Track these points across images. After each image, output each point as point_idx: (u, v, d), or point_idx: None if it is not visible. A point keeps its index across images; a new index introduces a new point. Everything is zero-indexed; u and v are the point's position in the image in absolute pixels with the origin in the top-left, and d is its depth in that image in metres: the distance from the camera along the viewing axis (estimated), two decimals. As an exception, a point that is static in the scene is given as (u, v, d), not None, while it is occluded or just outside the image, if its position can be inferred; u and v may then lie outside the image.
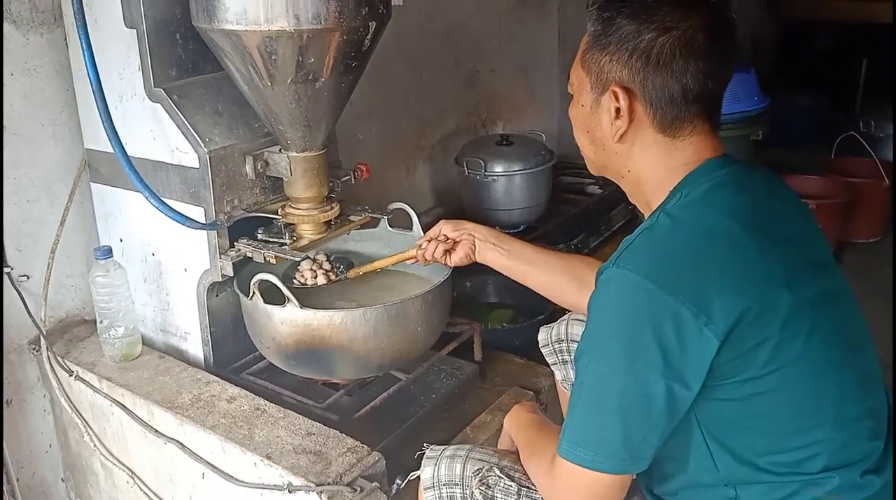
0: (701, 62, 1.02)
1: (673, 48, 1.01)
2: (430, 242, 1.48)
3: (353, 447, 1.33)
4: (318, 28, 1.30)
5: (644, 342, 0.95)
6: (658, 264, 0.98)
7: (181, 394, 1.50)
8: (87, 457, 1.73)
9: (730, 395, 1.00)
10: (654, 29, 1.02)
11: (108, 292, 1.59)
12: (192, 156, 1.46)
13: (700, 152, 1.07)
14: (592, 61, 1.08)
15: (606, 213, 2.53)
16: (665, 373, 0.95)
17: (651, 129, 1.06)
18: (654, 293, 0.95)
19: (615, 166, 1.13)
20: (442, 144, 2.60)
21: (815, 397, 1.02)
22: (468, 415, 1.58)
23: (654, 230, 1.02)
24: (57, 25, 1.63)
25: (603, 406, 0.99)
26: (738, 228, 1.00)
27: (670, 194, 1.06)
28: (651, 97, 1.04)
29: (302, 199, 1.52)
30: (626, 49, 1.03)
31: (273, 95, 1.39)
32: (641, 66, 1.03)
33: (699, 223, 1.01)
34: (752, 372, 0.98)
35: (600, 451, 0.99)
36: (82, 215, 1.74)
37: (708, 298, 0.95)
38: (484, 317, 1.98)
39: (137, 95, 1.49)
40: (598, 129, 1.11)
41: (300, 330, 1.42)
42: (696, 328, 0.94)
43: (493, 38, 2.75)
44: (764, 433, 1.02)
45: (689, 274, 0.96)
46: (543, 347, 1.51)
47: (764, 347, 0.97)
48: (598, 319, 1.01)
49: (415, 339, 1.50)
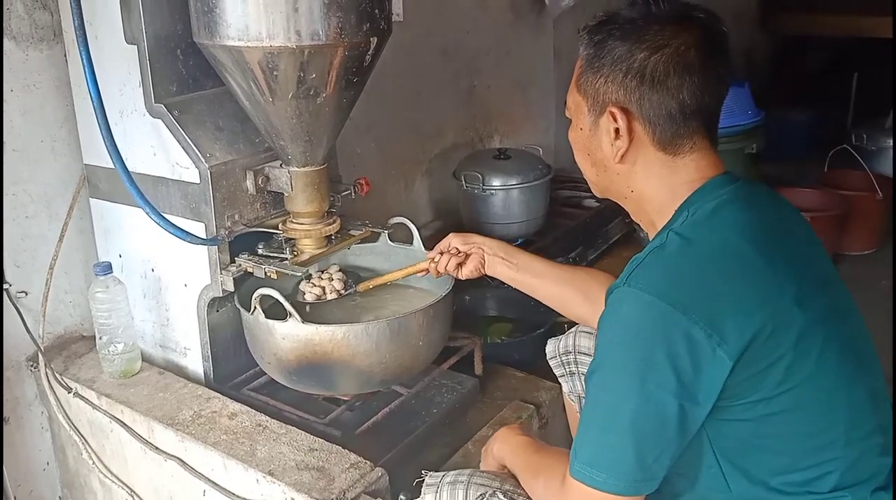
0: (696, 77, 1.03)
1: (667, 65, 1.02)
2: (441, 254, 1.50)
3: (355, 463, 1.33)
4: (320, 44, 1.31)
5: (656, 363, 0.94)
6: (670, 283, 0.97)
7: (182, 410, 1.50)
8: (86, 475, 1.71)
9: (742, 415, 0.99)
10: (647, 48, 1.03)
11: (108, 308, 1.58)
12: (192, 171, 1.46)
13: (702, 170, 1.07)
14: (588, 84, 1.09)
15: (604, 226, 2.53)
16: (678, 393, 0.95)
17: (652, 147, 1.07)
18: (666, 313, 0.94)
19: (618, 187, 1.13)
20: (440, 158, 2.61)
21: (827, 415, 1.01)
22: (469, 430, 1.57)
23: (665, 249, 1.01)
24: (57, 41, 1.63)
25: (615, 427, 0.98)
26: (749, 247, 1.00)
27: (676, 213, 1.06)
28: (649, 115, 1.05)
29: (303, 214, 1.52)
30: (620, 70, 1.04)
31: (274, 111, 1.39)
32: (636, 85, 1.03)
33: (710, 242, 1.01)
34: (764, 392, 0.98)
35: (613, 472, 0.98)
36: (81, 231, 1.73)
37: (721, 318, 0.94)
38: (484, 331, 1.98)
39: (138, 110, 1.49)
40: (598, 151, 1.11)
41: (302, 345, 1.42)
42: (710, 349, 0.94)
43: (490, 53, 2.76)
44: (776, 452, 1.01)
45: (702, 294, 0.96)
46: (551, 359, 1.51)
47: (777, 366, 0.97)
48: (609, 338, 1.00)
49: (416, 353, 1.49)
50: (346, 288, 1.57)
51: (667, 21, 1.04)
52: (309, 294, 1.55)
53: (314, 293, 1.55)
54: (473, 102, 2.73)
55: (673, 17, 1.04)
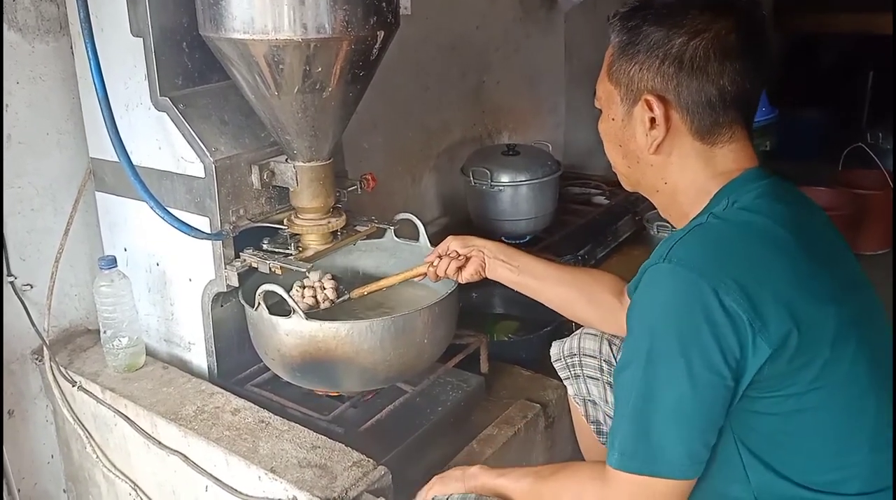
0: (737, 63, 0.99)
1: (707, 50, 0.98)
2: (440, 258, 1.47)
3: (358, 461, 1.31)
4: (326, 37, 1.29)
5: (702, 343, 0.91)
6: (713, 260, 0.94)
7: (185, 406, 1.49)
8: (90, 468, 1.71)
9: (770, 409, 0.97)
10: (685, 33, 0.99)
11: (112, 302, 1.58)
12: (197, 165, 1.45)
13: (739, 161, 1.04)
14: (620, 72, 1.05)
15: (613, 223, 2.51)
16: (724, 374, 0.92)
17: (689, 137, 1.03)
18: (709, 291, 0.91)
19: (650, 180, 1.09)
20: (448, 154, 2.59)
21: (856, 419, 0.99)
22: (474, 428, 1.55)
23: (707, 229, 0.98)
24: (63, 34, 1.62)
25: (660, 411, 0.94)
26: (791, 239, 0.97)
27: (714, 200, 1.03)
28: (687, 103, 1.01)
29: (308, 209, 1.51)
30: (657, 56, 1.00)
31: (279, 105, 1.38)
32: (675, 71, 1.00)
33: (753, 228, 0.98)
34: (797, 388, 0.95)
35: (658, 458, 0.95)
36: (87, 225, 1.73)
37: (763, 304, 0.92)
38: (490, 329, 1.97)
39: (143, 104, 1.48)
40: (631, 141, 1.07)
41: (306, 342, 1.41)
42: (752, 333, 0.91)
43: (499, 48, 2.74)
44: (800, 450, 0.99)
45: (745, 276, 0.92)
46: (556, 361, 1.49)
47: (813, 363, 0.95)
48: (647, 321, 0.96)
49: (421, 351, 1.48)
50: (339, 295, 1.52)
51: (704, 5, 1.00)
52: (302, 304, 1.50)
53: (307, 303, 1.49)
54: (482, 97, 2.71)
55: (710, 1, 1.01)
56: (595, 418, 1.50)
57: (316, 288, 1.51)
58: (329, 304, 1.51)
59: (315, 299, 1.50)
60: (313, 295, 1.50)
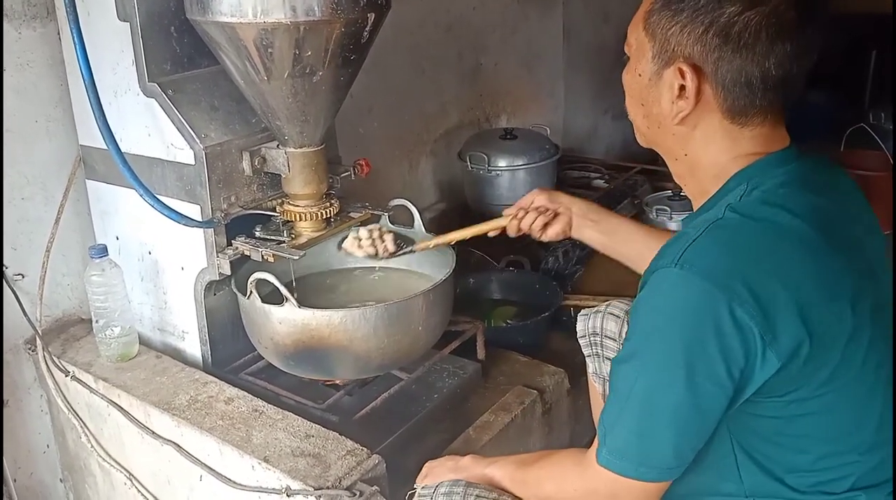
0: (789, 44, 0.90)
1: (759, 26, 0.88)
2: (526, 213, 1.39)
3: (352, 450, 1.30)
4: (315, 20, 1.26)
5: (707, 353, 0.87)
6: (727, 268, 0.88)
7: (178, 395, 1.48)
8: (85, 458, 1.70)
9: (771, 412, 0.94)
10: (740, 1, 0.88)
11: (104, 291, 1.56)
12: (187, 152, 1.42)
13: (767, 144, 0.97)
14: (658, 27, 0.94)
15: (612, 207, 2.47)
16: (726, 385, 0.89)
17: (718, 114, 0.95)
18: (721, 301, 0.86)
19: (669, 146, 1.02)
20: (445, 138, 2.56)
21: (859, 421, 0.96)
22: (471, 415, 1.54)
23: (722, 228, 0.91)
24: (50, 19, 1.60)
25: (655, 416, 0.92)
26: (814, 234, 0.91)
27: (730, 183, 0.96)
28: (724, 80, 0.92)
29: (300, 195, 1.49)
30: (702, 22, 0.90)
31: (270, 90, 1.36)
32: (719, 44, 0.90)
33: (773, 225, 0.91)
34: (801, 393, 0.92)
35: (646, 461, 0.94)
36: (78, 213, 1.71)
37: (777, 315, 0.87)
38: (487, 314, 1.95)
39: (131, 90, 1.46)
40: (655, 105, 0.98)
41: (299, 330, 1.39)
42: (762, 346, 0.87)
43: (496, 30, 2.70)
44: (798, 451, 0.97)
45: (761, 285, 0.87)
46: (581, 337, 1.44)
47: (823, 370, 0.91)
48: (652, 323, 0.92)
49: (416, 338, 1.47)
50: (398, 249, 1.45)
51: None
52: (360, 251, 1.42)
53: (367, 252, 1.41)
54: (479, 80, 2.68)
55: None
56: None
57: (374, 238, 1.45)
58: (388, 256, 1.45)
59: (375, 248, 1.44)
60: (372, 245, 1.44)
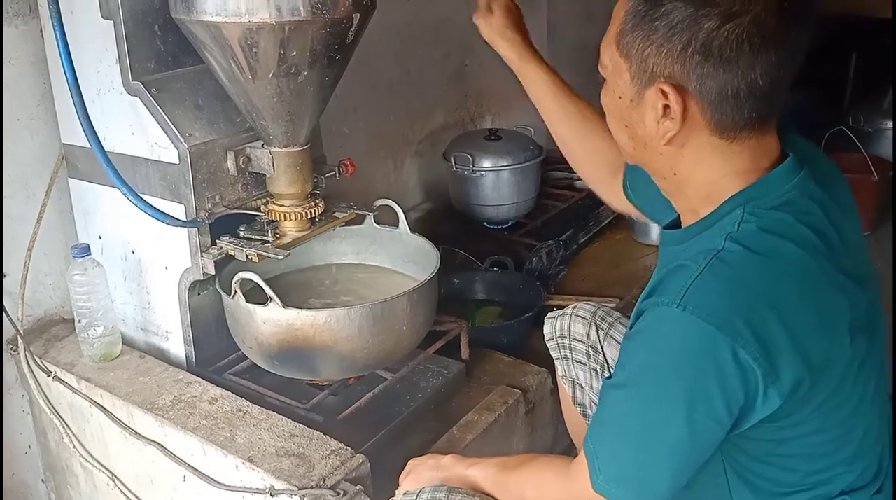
0: (773, 53, 0.85)
1: (741, 39, 0.83)
2: None
3: (336, 450, 1.30)
4: (300, 20, 1.26)
5: (708, 393, 0.86)
6: (731, 310, 0.85)
7: (162, 395, 1.47)
8: (67, 458, 1.69)
9: (765, 436, 0.94)
10: (717, 15, 0.83)
11: (87, 291, 1.55)
12: (171, 151, 1.42)
13: (758, 158, 0.92)
14: (633, 47, 0.89)
15: (595, 208, 2.50)
16: (724, 422, 0.88)
17: (706, 131, 0.90)
18: (724, 344, 0.84)
19: (657, 167, 0.98)
20: (430, 138, 2.57)
21: (846, 436, 0.97)
22: (455, 415, 1.55)
23: (726, 265, 0.87)
24: (32, 16, 1.58)
25: (654, 450, 0.91)
26: (814, 265, 0.89)
27: (725, 206, 0.92)
28: (710, 97, 0.87)
29: (285, 195, 1.49)
30: (680, 40, 0.85)
31: (254, 89, 1.35)
32: (700, 61, 0.85)
33: (777, 259, 0.88)
34: (796, 419, 0.92)
35: (644, 493, 0.93)
36: (60, 212, 1.69)
37: (780, 355, 0.86)
38: (471, 315, 1.96)
39: (115, 88, 1.45)
40: (639, 126, 0.93)
41: (283, 330, 1.39)
42: (763, 387, 0.86)
43: (481, 31, 2.71)
44: (788, 470, 0.97)
45: (764, 326, 0.85)
46: (549, 340, 1.46)
47: (817, 397, 0.92)
48: (652, 358, 0.91)
49: (401, 338, 1.47)
50: None
51: None
52: None
53: None
54: (465, 80, 2.68)
55: None
56: (581, 401, 1.49)
57: None
58: None
59: None
60: None
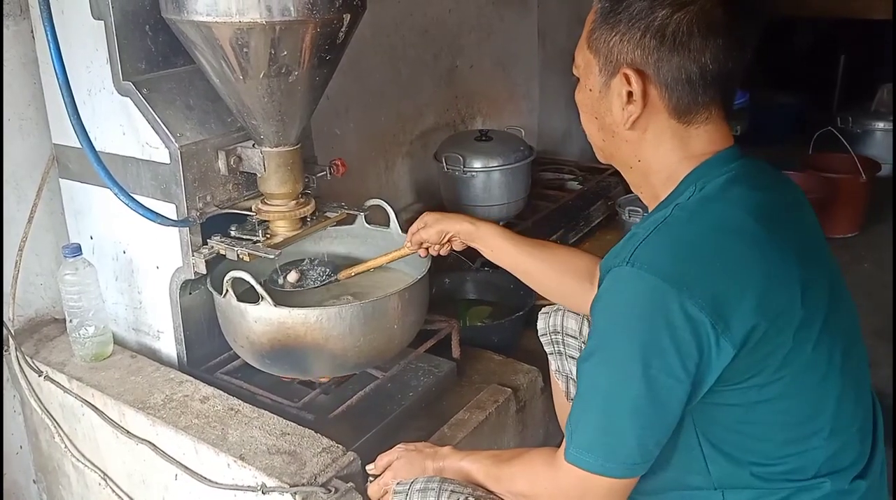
0: (721, 39, 0.95)
1: (690, 25, 0.94)
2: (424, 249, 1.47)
3: (327, 447, 1.31)
4: (291, 20, 1.27)
5: (661, 347, 0.91)
6: (676, 264, 0.92)
7: (153, 394, 1.47)
8: (59, 458, 1.69)
9: (732, 400, 0.97)
10: (669, 4, 0.95)
11: (78, 291, 1.55)
12: (162, 151, 1.43)
13: (713, 143, 1.02)
14: (600, 42, 1.00)
15: (585, 209, 2.52)
16: (682, 378, 0.92)
17: (665, 114, 1.00)
18: (671, 296, 0.90)
19: (624, 155, 1.07)
20: (421, 139, 2.58)
21: (816, 404, 1.00)
22: (446, 413, 1.56)
23: (671, 226, 0.96)
24: (23, 17, 1.59)
25: (616, 412, 0.95)
26: (758, 228, 0.96)
27: (681, 186, 1.01)
28: (666, 80, 0.98)
29: (276, 195, 1.50)
30: (638, 28, 0.96)
31: (245, 89, 1.36)
32: (656, 45, 0.96)
33: (718, 221, 0.96)
34: (759, 379, 0.95)
35: (612, 457, 0.96)
36: (51, 212, 1.70)
37: (726, 305, 0.91)
38: (462, 314, 1.97)
39: (106, 88, 1.46)
40: (607, 114, 1.04)
41: (274, 329, 1.40)
42: (714, 337, 0.91)
43: (472, 32, 2.73)
44: (762, 439, 0.99)
45: (709, 277, 0.92)
46: (542, 335, 1.48)
47: (775, 354, 0.95)
48: (608, 320, 0.96)
49: (392, 337, 1.48)
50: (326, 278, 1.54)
51: None
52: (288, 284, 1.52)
53: None
54: (455, 82, 2.70)
55: None
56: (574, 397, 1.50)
57: None
58: None
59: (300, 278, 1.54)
60: None
